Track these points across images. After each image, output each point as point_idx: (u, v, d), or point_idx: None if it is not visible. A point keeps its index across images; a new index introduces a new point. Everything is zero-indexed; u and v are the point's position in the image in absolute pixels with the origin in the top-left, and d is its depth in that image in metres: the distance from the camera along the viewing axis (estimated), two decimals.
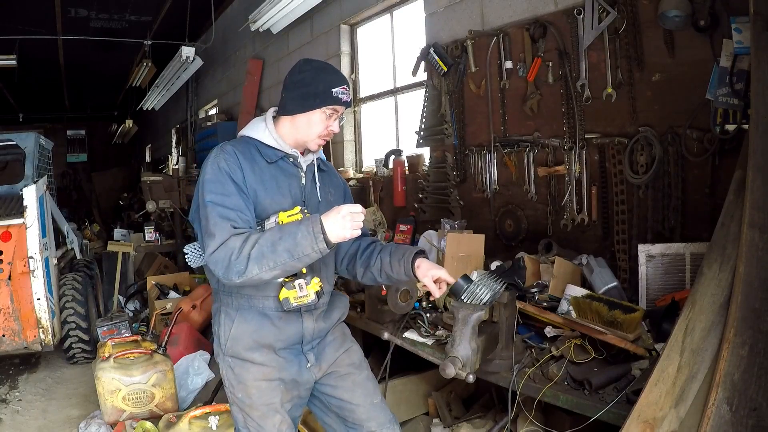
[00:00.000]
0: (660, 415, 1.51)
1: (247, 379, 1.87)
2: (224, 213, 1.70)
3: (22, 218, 4.15)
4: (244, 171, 1.80)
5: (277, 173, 1.87)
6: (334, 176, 2.12)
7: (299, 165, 1.93)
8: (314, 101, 1.85)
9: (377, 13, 4.85)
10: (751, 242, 1.63)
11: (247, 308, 1.86)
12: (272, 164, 1.88)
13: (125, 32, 8.53)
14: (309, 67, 1.89)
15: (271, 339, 1.86)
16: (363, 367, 2.05)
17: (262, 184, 1.82)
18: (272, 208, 1.82)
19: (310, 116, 1.87)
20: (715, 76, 2.33)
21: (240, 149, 1.84)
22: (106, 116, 15.72)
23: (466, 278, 2.20)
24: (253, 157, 1.85)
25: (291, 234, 1.64)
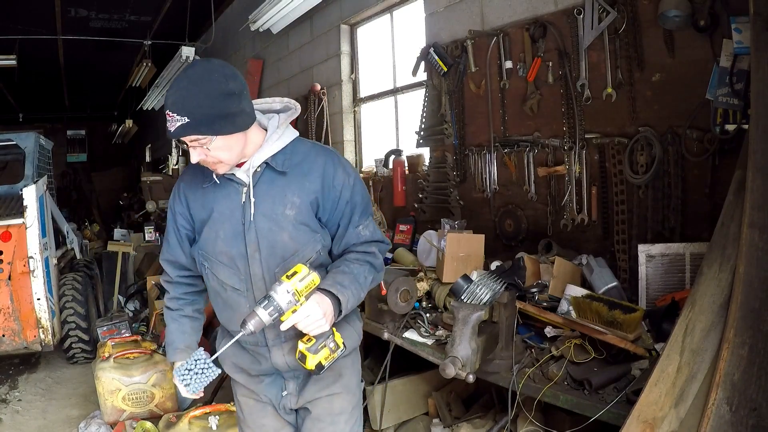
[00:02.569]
0: (660, 415, 1.51)
1: (238, 394, 1.90)
2: (164, 244, 1.87)
3: (22, 218, 4.16)
4: (188, 201, 1.77)
5: (217, 194, 1.71)
6: (316, 174, 1.69)
7: (239, 180, 1.69)
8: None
9: (377, 13, 4.85)
10: (751, 242, 1.63)
11: (227, 333, 1.82)
12: (213, 184, 1.71)
13: (125, 32, 8.53)
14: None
15: (247, 365, 1.82)
16: (340, 420, 1.81)
17: (203, 209, 1.73)
18: (209, 233, 1.71)
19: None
20: (715, 76, 2.33)
21: (189, 176, 1.79)
22: (106, 116, 15.71)
23: (466, 278, 2.20)
24: (197, 182, 1.74)
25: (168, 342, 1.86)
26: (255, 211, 1.66)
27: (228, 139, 1.57)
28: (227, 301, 1.76)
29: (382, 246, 1.81)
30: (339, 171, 1.71)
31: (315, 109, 5.37)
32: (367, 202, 1.78)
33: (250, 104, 1.63)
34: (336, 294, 1.59)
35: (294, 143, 1.73)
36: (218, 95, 1.52)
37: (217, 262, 1.72)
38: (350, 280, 1.65)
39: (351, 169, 1.77)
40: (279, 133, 1.71)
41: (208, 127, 1.53)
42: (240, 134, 1.60)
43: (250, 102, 1.63)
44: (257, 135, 1.68)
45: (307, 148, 1.73)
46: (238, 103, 1.55)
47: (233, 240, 1.68)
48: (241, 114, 1.57)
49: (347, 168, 1.75)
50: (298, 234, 1.68)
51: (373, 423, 2.87)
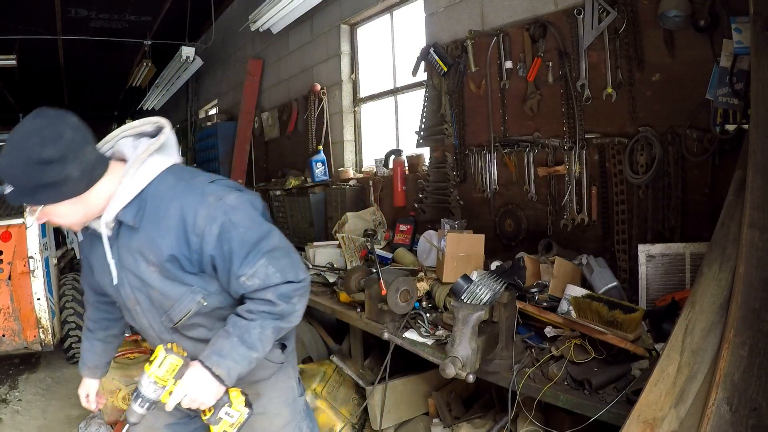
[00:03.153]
0: (660, 415, 1.51)
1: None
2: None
3: (22, 218, 4.15)
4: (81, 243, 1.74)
5: (92, 246, 1.66)
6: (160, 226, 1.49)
7: (96, 233, 1.57)
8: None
9: (377, 13, 4.85)
10: (751, 242, 1.63)
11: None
12: (88, 235, 1.65)
13: (125, 32, 8.53)
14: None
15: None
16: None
17: (87, 262, 1.75)
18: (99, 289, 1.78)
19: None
20: (715, 76, 2.33)
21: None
22: (106, 116, 15.71)
23: (466, 278, 2.20)
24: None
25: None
26: (120, 267, 1.56)
27: (59, 206, 1.44)
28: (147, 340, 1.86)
29: (284, 288, 1.54)
30: (200, 218, 1.48)
31: (315, 109, 5.38)
32: (252, 244, 1.51)
33: (82, 165, 1.43)
34: (210, 368, 1.48)
35: (155, 184, 1.51)
36: (34, 164, 1.36)
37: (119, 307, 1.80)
38: (232, 345, 1.50)
39: (221, 210, 1.49)
40: (134, 169, 1.50)
41: (30, 197, 1.41)
42: (73, 199, 1.45)
43: (81, 163, 1.43)
44: (110, 184, 1.50)
45: (164, 189, 1.51)
46: (60, 171, 1.38)
47: (114, 292, 1.65)
48: (65, 182, 1.40)
49: (213, 211, 1.49)
50: (167, 289, 1.54)
51: (373, 423, 2.87)
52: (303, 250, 4.27)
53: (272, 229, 1.58)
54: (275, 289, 1.53)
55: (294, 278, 1.56)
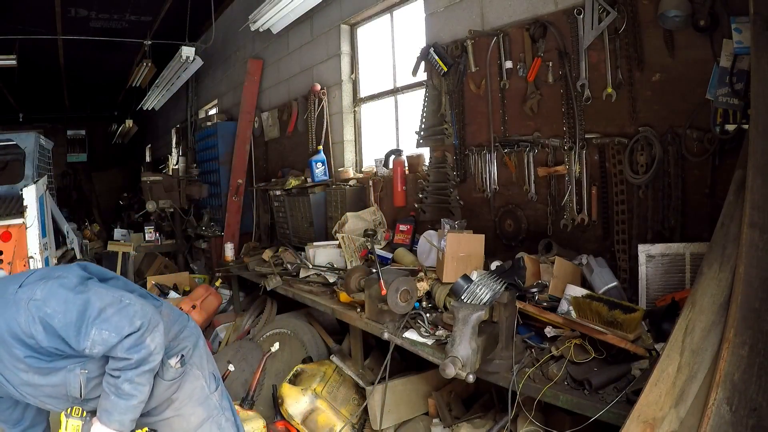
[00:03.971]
0: (660, 415, 1.51)
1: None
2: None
3: (22, 218, 4.15)
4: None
5: None
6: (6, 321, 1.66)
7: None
8: None
9: (377, 13, 4.85)
10: (751, 242, 1.63)
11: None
12: None
13: (125, 32, 8.53)
14: None
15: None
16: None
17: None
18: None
19: None
20: (715, 76, 2.33)
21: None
22: (106, 116, 15.70)
23: (466, 278, 2.20)
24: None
25: None
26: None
27: None
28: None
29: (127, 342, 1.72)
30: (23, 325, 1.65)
31: (315, 109, 5.38)
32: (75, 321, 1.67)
33: None
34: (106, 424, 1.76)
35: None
36: None
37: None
38: (112, 403, 1.76)
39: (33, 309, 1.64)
40: None
41: None
42: None
43: None
44: None
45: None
46: None
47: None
48: None
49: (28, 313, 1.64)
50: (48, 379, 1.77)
51: (373, 423, 2.87)
52: (303, 250, 4.28)
53: (89, 295, 1.71)
54: (120, 346, 1.70)
55: (131, 329, 1.71)
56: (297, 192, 5.40)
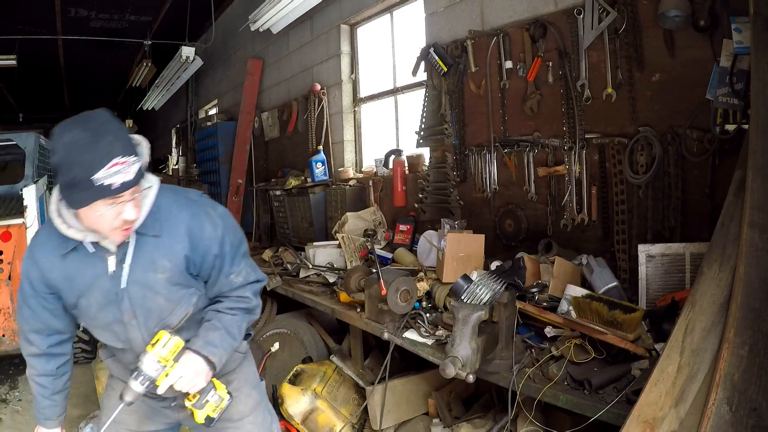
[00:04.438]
0: (660, 415, 1.51)
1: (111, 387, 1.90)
2: (22, 309, 1.71)
3: (22, 218, 4.15)
4: (42, 269, 1.61)
5: (80, 263, 1.59)
6: (180, 234, 1.63)
7: (106, 248, 1.58)
8: (79, 197, 1.43)
9: (377, 13, 4.85)
10: (751, 242, 1.63)
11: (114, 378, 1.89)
12: (70, 254, 1.58)
13: (125, 32, 8.53)
14: (59, 145, 1.41)
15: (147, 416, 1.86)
16: (246, 422, 1.90)
17: (65, 281, 1.61)
18: (81, 303, 1.63)
19: (86, 213, 1.47)
20: (715, 76, 2.33)
21: (39, 242, 1.63)
22: None
23: (466, 278, 2.20)
24: (53, 248, 1.59)
25: (36, 401, 1.77)
26: (127, 280, 1.60)
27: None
28: (115, 354, 1.81)
29: (256, 286, 1.81)
30: (205, 225, 1.67)
31: (315, 109, 5.38)
32: (237, 246, 1.75)
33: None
34: (207, 356, 1.64)
35: (157, 199, 1.60)
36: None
37: (94, 326, 1.71)
38: (221, 336, 1.68)
39: (218, 217, 1.71)
40: (147, 183, 1.58)
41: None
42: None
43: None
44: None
45: (169, 203, 1.64)
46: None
47: (106, 309, 1.63)
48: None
49: (213, 218, 1.69)
50: (172, 294, 1.66)
51: (373, 423, 2.87)
52: (303, 250, 4.27)
53: (244, 235, 1.85)
54: (252, 287, 1.78)
55: (261, 278, 1.83)
56: (297, 192, 5.40)
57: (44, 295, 1.66)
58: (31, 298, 1.67)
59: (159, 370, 1.57)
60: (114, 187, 1.40)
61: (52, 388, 1.79)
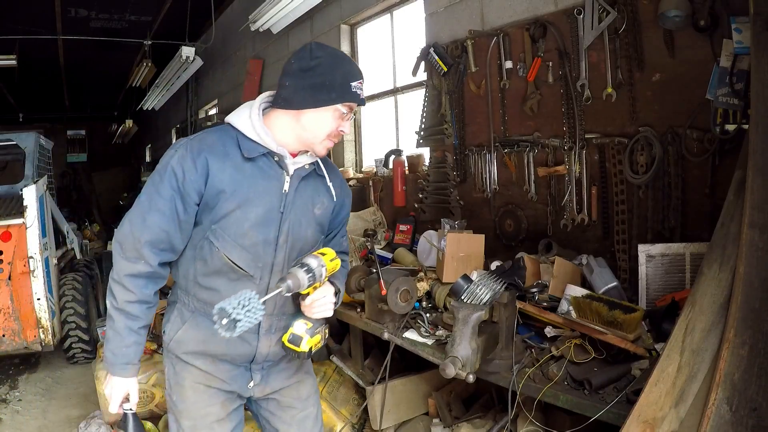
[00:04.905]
0: (660, 415, 1.51)
1: (186, 379, 1.71)
2: (147, 215, 1.57)
3: (22, 218, 4.15)
4: (209, 169, 1.55)
5: (255, 173, 1.60)
6: (336, 186, 1.81)
7: (285, 167, 1.65)
8: (329, 95, 1.57)
9: (377, 13, 4.85)
10: (751, 242, 1.63)
11: (202, 314, 1.67)
12: (250, 161, 1.60)
13: (125, 32, 8.53)
14: (324, 54, 1.58)
15: (219, 352, 1.70)
16: (309, 404, 1.91)
17: (232, 185, 1.57)
18: (237, 214, 1.58)
19: (320, 113, 1.59)
20: (715, 76, 2.33)
21: (208, 143, 1.59)
22: (106, 116, 15.71)
23: (466, 278, 2.20)
24: (226, 152, 1.58)
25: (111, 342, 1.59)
26: (294, 203, 1.66)
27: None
28: (234, 285, 1.62)
29: (347, 257, 1.97)
30: (346, 187, 1.90)
31: None
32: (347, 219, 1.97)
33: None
34: (338, 292, 1.73)
35: None
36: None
37: (235, 244, 1.59)
38: (341, 281, 1.83)
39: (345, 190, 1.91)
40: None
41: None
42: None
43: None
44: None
45: (328, 160, 1.85)
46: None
47: (263, 226, 1.61)
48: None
49: (348, 188, 1.95)
50: (314, 234, 1.76)
51: (373, 423, 2.87)
52: None
53: None
54: (347, 255, 1.96)
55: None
56: None
57: (187, 200, 1.56)
58: (169, 201, 1.55)
59: (321, 275, 1.57)
60: (361, 97, 1.65)
61: (145, 320, 1.61)
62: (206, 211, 1.60)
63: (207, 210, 1.59)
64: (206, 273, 1.64)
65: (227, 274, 1.63)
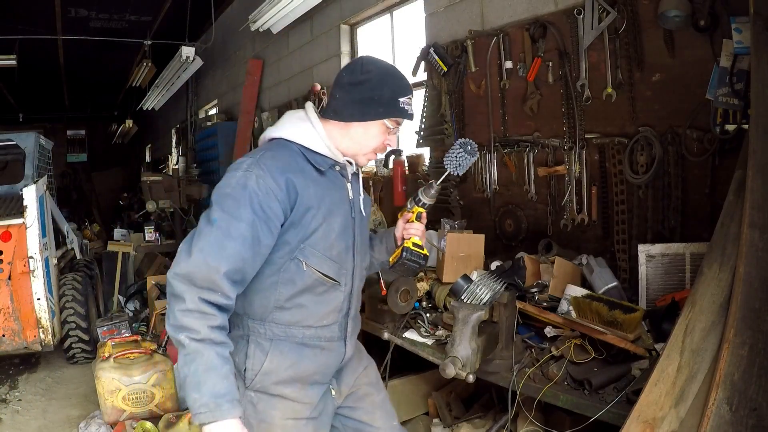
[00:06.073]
0: (660, 415, 1.51)
1: (274, 417, 1.60)
2: (225, 242, 1.41)
3: (22, 218, 4.15)
4: (297, 189, 1.51)
5: (328, 185, 1.62)
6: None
7: (345, 175, 1.69)
8: (377, 110, 1.60)
9: (377, 13, 4.85)
10: (751, 242, 1.63)
11: (283, 338, 1.59)
12: (321, 174, 1.60)
13: (125, 32, 8.53)
14: (374, 68, 1.61)
15: (311, 371, 1.63)
16: (380, 387, 1.91)
17: (316, 200, 1.55)
18: (324, 227, 1.56)
19: (368, 127, 1.63)
20: (715, 76, 2.33)
21: (284, 161, 1.53)
22: (106, 116, 15.72)
23: (466, 278, 2.20)
24: (301, 168, 1.56)
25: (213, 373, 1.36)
26: (356, 208, 1.72)
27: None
28: (321, 298, 1.61)
29: None
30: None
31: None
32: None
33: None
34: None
35: None
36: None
37: (324, 257, 1.58)
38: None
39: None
40: None
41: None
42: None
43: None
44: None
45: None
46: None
47: (344, 234, 1.65)
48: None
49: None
50: (368, 235, 1.87)
51: None
52: None
53: None
54: None
55: None
56: None
57: (271, 224, 1.48)
58: (250, 226, 1.43)
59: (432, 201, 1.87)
60: (409, 113, 1.66)
61: (227, 346, 1.44)
62: (292, 231, 1.53)
63: (293, 229, 1.53)
64: (293, 295, 1.58)
65: (315, 289, 1.60)
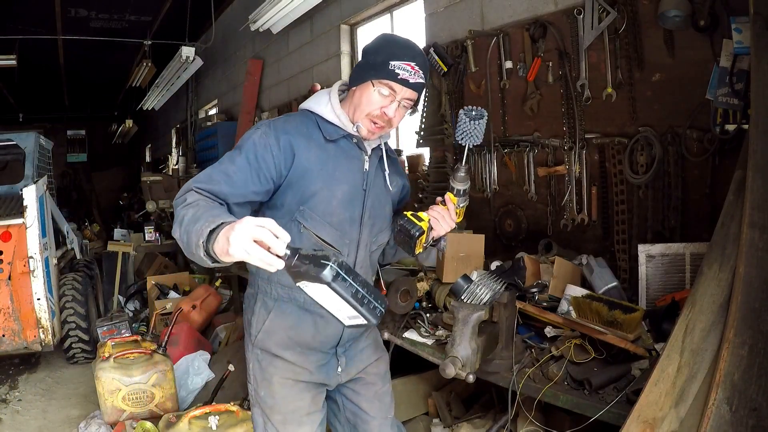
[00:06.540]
0: (660, 415, 1.51)
1: (274, 375, 1.73)
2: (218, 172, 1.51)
3: (22, 218, 4.15)
4: (294, 149, 1.59)
5: (338, 153, 1.67)
6: (399, 169, 1.89)
7: (363, 147, 1.72)
8: (368, 72, 1.61)
9: (377, 13, 4.85)
10: (751, 242, 1.63)
11: (286, 300, 1.70)
12: (332, 143, 1.67)
13: (125, 32, 8.53)
14: (381, 38, 1.68)
15: (308, 337, 1.72)
16: (387, 379, 1.97)
17: (318, 164, 1.62)
18: (325, 192, 1.63)
19: (362, 89, 1.63)
20: (715, 76, 2.33)
21: (293, 125, 1.64)
22: (106, 116, 15.72)
23: (466, 278, 2.20)
24: (309, 133, 1.65)
25: (200, 220, 1.30)
26: (374, 181, 1.73)
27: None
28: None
29: None
30: (404, 171, 2.00)
31: None
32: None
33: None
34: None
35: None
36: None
37: (323, 222, 1.64)
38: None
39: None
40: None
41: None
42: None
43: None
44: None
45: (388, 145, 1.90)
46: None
47: (349, 203, 1.67)
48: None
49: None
50: (388, 213, 1.82)
51: None
52: None
53: None
54: None
55: None
56: None
57: (262, 171, 1.55)
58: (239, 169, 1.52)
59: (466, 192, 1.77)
60: (400, 77, 1.57)
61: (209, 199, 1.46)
62: (291, 191, 1.62)
63: (292, 190, 1.62)
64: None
65: None
